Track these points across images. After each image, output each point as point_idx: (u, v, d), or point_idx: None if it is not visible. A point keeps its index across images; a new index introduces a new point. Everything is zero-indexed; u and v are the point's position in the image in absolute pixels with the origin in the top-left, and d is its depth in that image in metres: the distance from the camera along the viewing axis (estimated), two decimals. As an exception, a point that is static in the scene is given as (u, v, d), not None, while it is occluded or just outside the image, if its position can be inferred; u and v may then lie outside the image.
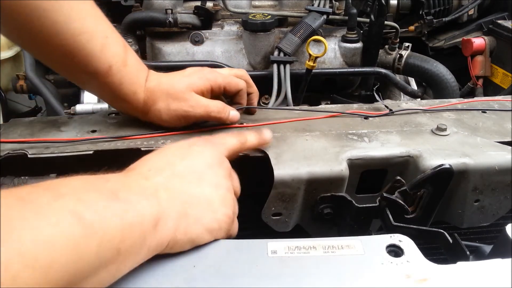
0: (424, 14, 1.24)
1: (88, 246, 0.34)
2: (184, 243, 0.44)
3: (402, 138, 0.64)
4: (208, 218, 0.46)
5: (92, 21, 0.57)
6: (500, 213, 0.64)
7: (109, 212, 0.37)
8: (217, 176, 0.49)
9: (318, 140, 0.63)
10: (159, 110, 0.64)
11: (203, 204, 0.46)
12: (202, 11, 1.10)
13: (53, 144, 0.61)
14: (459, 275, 0.41)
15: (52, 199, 0.34)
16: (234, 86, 0.68)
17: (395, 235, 0.46)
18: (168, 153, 0.50)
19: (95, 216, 0.35)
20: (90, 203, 0.36)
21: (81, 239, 0.33)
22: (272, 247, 0.45)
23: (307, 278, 0.41)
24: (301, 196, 0.58)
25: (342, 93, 1.16)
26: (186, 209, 0.45)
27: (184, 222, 0.44)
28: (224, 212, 0.47)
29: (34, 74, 1.06)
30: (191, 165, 0.49)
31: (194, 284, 0.41)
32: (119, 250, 0.37)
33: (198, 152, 0.50)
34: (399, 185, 0.57)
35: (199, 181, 0.47)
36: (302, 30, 1.04)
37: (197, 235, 0.45)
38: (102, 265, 0.35)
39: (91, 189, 0.38)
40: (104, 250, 0.35)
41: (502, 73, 1.19)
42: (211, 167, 0.49)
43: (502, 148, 0.61)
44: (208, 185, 0.48)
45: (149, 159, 0.49)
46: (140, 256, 0.40)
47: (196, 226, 0.45)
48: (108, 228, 0.36)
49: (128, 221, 0.38)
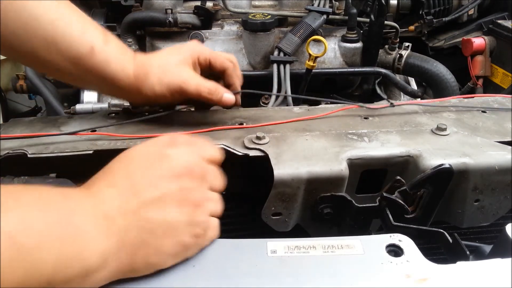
0: (424, 14, 1.24)
1: (14, 271, 0.32)
2: (145, 270, 0.42)
3: (402, 138, 0.64)
4: (170, 244, 0.42)
5: (68, 11, 0.60)
6: (500, 213, 0.63)
7: (48, 240, 0.35)
8: (183, 190, 0.44)
9: (318, 140, 0.63)
10: (152, 84, 0.63)
11: (165, 230, 0.42)
12: (202, 11, 1.10)
13: (53, 144, 0.61)
14: (459, 275, 0.41)
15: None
16: (220, 63, 0.68)
17: (395, 235, 0.46)
18: (132, 161, 0.46)
19: (31, 242, 0.33)
20: (32, 226, 0.34)
21: (9, 262, 0.32)
22: (271, 246, 0.45)
23: (307, 277, 0.41)
24: (301, 196, 0.58)
25: (342, 93, 1.16)
26: (145, 238, 0.41)
27: (143, 252, 0.41)
28: (190, 233, 0.43)
29: (34, 74, 1.06)
30: (154, 178, 0.43)
31: (194, 284, 0.42)
32: (50, 283, 0.34)
33: (166, 158, 0.46)
34: (399, 185, 0.57)
35: (161, 200, 0.43)
36: (302, 30, 1.04)
37: (158, 263, 0.42)
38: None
39: (42, 208, 0.36)
40: (30, 280, 0.33)
41: (502, 73, 1.19)
42: (178, 178, 0.44)
43: (502, 148, 0.61)
44: (171, 204, 0.43)
45: (112, 169, 0.45)
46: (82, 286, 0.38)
47: (156, 255, 0.42)
48: (42, 257, 0.34)
49: (67, 255, 0.36)
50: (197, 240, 0.44)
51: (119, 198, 0.42)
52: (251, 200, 0.64)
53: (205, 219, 0.46)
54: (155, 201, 0.42)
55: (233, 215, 0.67)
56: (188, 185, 0.45)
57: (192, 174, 0.46)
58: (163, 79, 0.63)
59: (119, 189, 0.42)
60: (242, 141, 0.61)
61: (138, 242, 0.41)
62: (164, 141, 0.49)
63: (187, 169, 0.46)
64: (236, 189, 0.65)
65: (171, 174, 0.44)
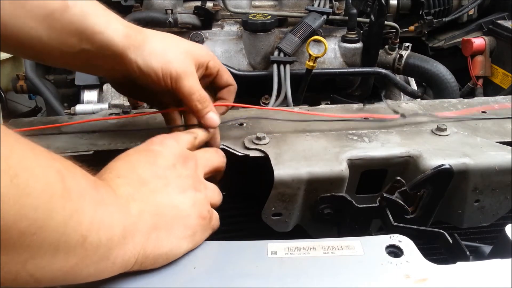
0: (424, 14, 1.24)
1: (61, 206, 0.34)
2: (156, 258, 0.42)
3: (402, 138, 0.64)
4: (180, 227, 0.45)
5: None
6: (500, 213, 0.64)
7: (88, 195, 0.37)
8: (181, 177, 0.48)
9: (318, 140, 0.63)
10: (146, 54, 0.53)
11: (173, 213, 0.45)
12: (202, 11, 1.10)
13: (53, 144, 0.61)
14: (459, 275, 0.42)
15: (47, 154, 0.36)
16: (227, 76, 0.62)
17: (394, 236, 0.46)
18: (131, 158, 0.48)
19: (75, 187, 0.36)
20: (74, 175, 0.37)
21: (57, 197, 0.33)
22: (272, 248, 0.45)
23: (307, 279, 0.42)
24: (301, 196, 0.58)
25: (342, 93, 1.16)
26: (157, 221, 0.43)
27: (155, 236, 0.42)
28: (196, 215, 0.46)
29: (34, 74, 1.06)
30: (154, 169, 0.47)
31: (195, 285, 0.42)
32: (84, 239, 0.35)
33: (158, 153, 0.49)
34: (399, 185, 0.57)
35: (166, 187, 0.46)
36: (302, 30, 1.04)
37: (171, 248, 0.43)
38: (64, 246, 0.34)
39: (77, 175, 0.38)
40: (71, 225, 0.34)
41: (502, 73, 1.19)
42: (174, 168, 0.48)
43: (502, 148, 0.61)
44: (175, 191, 0.46)
45: (115, 166, 0.46)
46: (103, 264, 0.38)
47: (168, 239, 0.43)
48: (82, 207, 0.36)
49: (99, 216, 0.37)
50: (203, 222, 0.47)
51: (130, 186, 0.44)
52: (251, 200, 0.65)
53: (207, 201, 0.49)
54: (160, 187, 0.45)
55: (233, 215, 0.67)
56: (183, 172, 0.48)
57: (185, 164, 0.49)
58: (162, 56, 0.53)
59: (127, 179, 0.44)
60: (242, 142, 0.61)
61: (151, 226, 0.42)
62: (153, 141, 0.51)
63: (180, 158, 0.49)
64: (236, 189, 0.65)
65: (167, 165, 0.48)
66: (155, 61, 0.53)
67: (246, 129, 0.67)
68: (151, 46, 0.54)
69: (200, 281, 0.42)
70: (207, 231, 0.48)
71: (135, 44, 0.53)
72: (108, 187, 0.42)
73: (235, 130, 0.66)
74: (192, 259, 0.44)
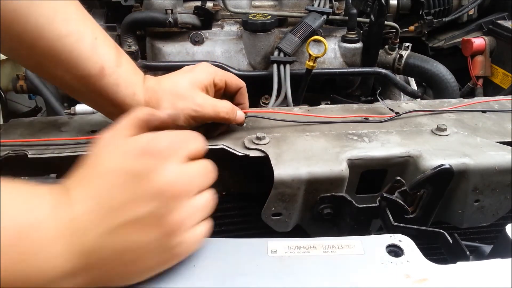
0: (424, 14, 1.24)
1: None
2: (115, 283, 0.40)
3: (402, 138, 0.64)
4: (136, 269, 0.41)
5: (78, 23, 0.54)
6: (500, 213, 0.64)
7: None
8: (156, 215, 0.39)
9: (318, 140, 0.63)
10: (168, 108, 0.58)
11: (131, 257, 0.40)
12: (202, 11, 1.10)
13: (53, 144, 0.61)
14: (459, 275, 0.41)
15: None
16: (235, 82, 0.66)
17: (395, 235, 0.46)
18: (106, 171, 0.42)
19: None
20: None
21: None
22: (272, 246, 0.45)
23: (307, 277, 0.42)
24: (301, 196, 0.58)
25: (342, 93, 1.16)
26: (112, 262, 0.39)
27: (105, 277, 0.40)
28: (158, 258, 0.41)
29: (34, 74, 1.06)
30: (128, 199, 0.39)
31: (194, 284, 0.42)
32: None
33: (142, 176, 0.40)
34: (399, 185, 0.57)
35: (131, 227, 0.39)
36: (302, 30, 1.04)
37: (125, 282, 0.41)
38: None
39: (19, 202, 0.37)
40: None
41: (502, 73, 1.19)
42: (152, 200, 0.39)
43: (502, 148, 0.61)
44: (141, 231, 0.39)
45: (88, 177, 0.43)
46: None
47: (121, 278, 0.40)
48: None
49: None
50: (165, 263, 0.42)
51: (94, 215, 0.39)
52: (251, 200, 0.65)
53: (180, 240, 0.41)
54: (126, 225, 0.39)
55: (233, 215, 0.67)
56: (164, 209, 0.40)
57: (172, 192, 0.40)
58: (178, 106, 0.59)
59: (94, 205, 0.39)
60: (242, 142, 0.61)
61: (105, 264, 0.39)
62: (139, 148, 0.42)
63: (166, 188, 0.40)
64: (236, 189, 0.65)
65: (145, 195, 0.39)
66: None
67: (246, 129, 0.67)
68: (166, 105, 0.59)
69: (199, 280, 0.42)
70: (174, 263, 0.43)
71: (154, 107, 0.59)
72: (63, 209, 0.39)
73: (235, 130, 0.66)
74: (192, 257, 0.44)
